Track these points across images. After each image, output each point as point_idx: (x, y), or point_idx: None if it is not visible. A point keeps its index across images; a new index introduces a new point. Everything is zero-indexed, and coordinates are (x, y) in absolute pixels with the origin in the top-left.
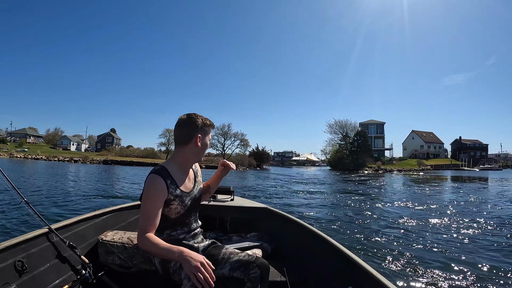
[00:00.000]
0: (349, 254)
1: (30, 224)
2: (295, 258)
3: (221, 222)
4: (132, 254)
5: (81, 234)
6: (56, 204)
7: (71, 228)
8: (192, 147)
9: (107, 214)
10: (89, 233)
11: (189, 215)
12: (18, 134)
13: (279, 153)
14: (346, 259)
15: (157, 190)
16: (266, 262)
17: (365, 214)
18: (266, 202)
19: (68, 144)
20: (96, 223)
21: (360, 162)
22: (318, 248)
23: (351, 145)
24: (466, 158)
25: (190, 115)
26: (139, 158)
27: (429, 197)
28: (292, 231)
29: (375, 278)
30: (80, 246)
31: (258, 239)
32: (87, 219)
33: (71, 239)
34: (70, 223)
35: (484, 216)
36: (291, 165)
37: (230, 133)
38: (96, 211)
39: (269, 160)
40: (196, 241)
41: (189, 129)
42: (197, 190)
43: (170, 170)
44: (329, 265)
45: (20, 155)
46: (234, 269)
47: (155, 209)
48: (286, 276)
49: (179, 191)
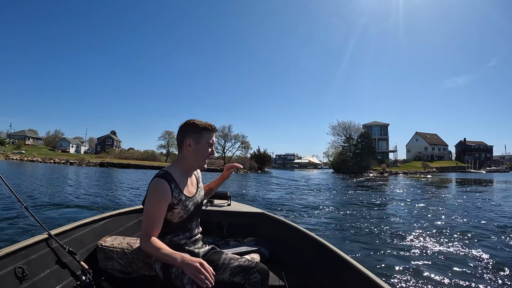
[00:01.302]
0: (348, 259)
1: (29, 230)
2: (293, 262)
3: (218, 227)
4: (132, 259)
5: (80, 239)
6: (51, 208)
7: (70, 233)
8: (185, 152)
9: (106, 219)
10: (88, 239)
11: (191, 220)
12: (17, 136)
13: (281, 155)
14: (345, 263)
15: (162, 194)
16: (265, 267)
17: (379, 223)
18: (269, 207)
19: (67, 146)
20: (95, 228)
21: (364, 165)
22: (316, 252)
23: (354, 147)
24: (472, 160)
25: (185, 121)
26: (138, 160)
27: (450, 204)
28: (289, 235)
29: (375, 283)
30: (79, 252)
31: (255, 244)
32: (86, 224)
33: (70, 244)
34: (69, 228)
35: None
36: (293, 167)
37: (231, 135)
38: (95, 216)
39: (271, 163)
40: (197, 247)
41: (180, 135)
42: (200, 195)
43: (173, 174)
44: (328, 270)
45: (16, 157)
46: (234, 274)
47: (159, 213)
48: (285, 280)
49: (182, 195)
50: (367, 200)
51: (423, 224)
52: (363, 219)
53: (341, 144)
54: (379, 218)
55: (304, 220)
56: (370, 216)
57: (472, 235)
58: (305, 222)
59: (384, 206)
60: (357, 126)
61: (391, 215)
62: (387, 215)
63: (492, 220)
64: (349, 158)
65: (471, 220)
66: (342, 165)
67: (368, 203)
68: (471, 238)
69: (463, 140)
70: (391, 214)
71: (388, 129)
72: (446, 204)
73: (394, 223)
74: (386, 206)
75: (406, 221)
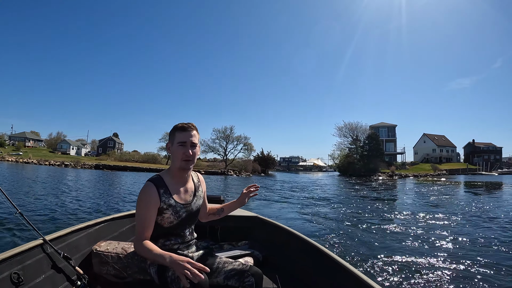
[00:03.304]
0: (343, 263)
1: (24, 235)
2: (287, 266)
3: (212, 231)
4: (126, 264)
5: (75, 244)
6: (45, 213)
7: (65, 238)
8: (171, 156)
9: (100, 224)
10: (83, 244)
11: (184, 227)
12: (18, 138)
13: (286, 158)
14: (340, 267)
15: (149, 197)
16: (259, 270)
17: (402, 237)
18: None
19: (67, 148)
20: (90, 233)
21: (372, 167)
22: (310, 256)
23: (361, 149)
24: (481, 162)
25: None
26: (137, 163)
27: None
28: (283, 239)
29: (370, 286)
30: (74, 257)
31: (249, 248)
32: (80, 229)
33: (65, 250)
34: (64, 234)
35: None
36: (298, 170)
37: (233, 137)
38: (90, 221)
39: (275, 166)
40: (190, 251)
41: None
42: (196, 204)
43: (165, 179)
44: (322, 274)
45: (11, 158)
46: (228, 278)
47: (148, 216)
48: (278, 283)
49: (172, 201)
50: (386, 209)
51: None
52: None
53: (348, 146)
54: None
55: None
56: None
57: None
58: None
59: (409, 219)
60: (364, 127)
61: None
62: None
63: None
64: (356, 161)
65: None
66: (349, 168)
67: (387, 212)
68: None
69: (472, 141)
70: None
71: (396, 130)
72: (490, 216)
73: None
74: (411, 219)
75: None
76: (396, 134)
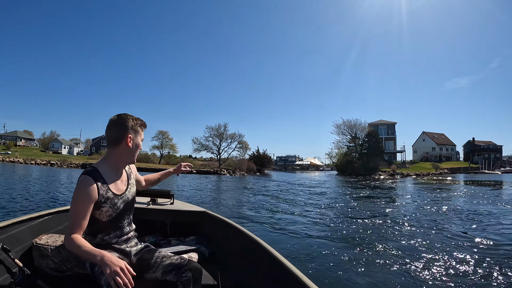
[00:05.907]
0: (284, 262)
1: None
2: (230, 262)
3: (162, 226)
4: (66, 257)
5: (16, 237)
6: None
7: (6, 230)
8: (123, 147)
9: (44, 216)
10: (24, 236)
11: (122, 219)
12: (9, 137)
13: (282, 157)
14: (279, 265)
15: (87, 191)
16: (198, 265)
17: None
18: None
19: (59, 147)
20: (32, 226)
21: (371, 166)
22: (254, 253)
23: (361, 147)
24: (482, 161)
25: (120, 115)
26: None
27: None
28: (229, 235)
29: (304, 284)
30: (14, 250)
31: (196, 243)
32: (22, 221)
33: (5, 242)
34: (4, 225)
35: None
36: (295, 169)
37: (226, 134)
38: (33, 214)
39: (271, 165)
40: (129, 245)
41: (119, 130)
42: (130, 193)
43: (101, 171)
44: (263, 271)
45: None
46: (166, 273)
47: (83, 211)
48: (219, 279)
49: (110, 193)
50: (393, 212)
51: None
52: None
53: (346, 144)
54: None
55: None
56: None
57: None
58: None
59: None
60: (363, 124)
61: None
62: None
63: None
64: (355, 159)
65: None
66: (347, 167)
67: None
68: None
69: (472, 140)
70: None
71: (395, 128)
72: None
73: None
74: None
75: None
76: (395, 132)
